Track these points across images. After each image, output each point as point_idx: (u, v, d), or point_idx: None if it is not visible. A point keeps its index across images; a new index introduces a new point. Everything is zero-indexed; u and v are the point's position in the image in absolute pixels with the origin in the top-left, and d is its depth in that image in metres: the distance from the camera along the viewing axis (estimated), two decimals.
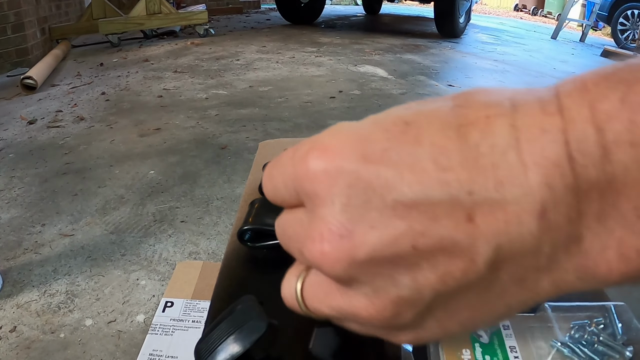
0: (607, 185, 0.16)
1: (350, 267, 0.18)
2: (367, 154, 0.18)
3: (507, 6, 13.48)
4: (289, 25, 5.80)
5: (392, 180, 0.18)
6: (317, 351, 0.29)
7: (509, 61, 4.24)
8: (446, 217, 0.17)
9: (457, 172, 0.17)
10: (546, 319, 0.28)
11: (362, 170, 0.18)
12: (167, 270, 1.26)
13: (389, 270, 0.18)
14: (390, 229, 0.18)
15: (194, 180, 1.77)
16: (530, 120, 0.17)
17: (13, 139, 2.18)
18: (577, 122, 0.16)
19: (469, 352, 0.27)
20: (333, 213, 0.18)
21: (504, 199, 0.17)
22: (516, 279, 0.18)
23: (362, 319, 0.20)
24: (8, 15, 3.41)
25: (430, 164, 0.18)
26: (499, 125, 0.18)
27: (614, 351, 0.26)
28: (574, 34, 7.38)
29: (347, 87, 3.02)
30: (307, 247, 0.19)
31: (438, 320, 0.20)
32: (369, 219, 0.18)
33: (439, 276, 0.18)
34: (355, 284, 0.19)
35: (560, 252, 0.18)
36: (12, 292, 1.17)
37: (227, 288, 0.36)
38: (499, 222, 0.17)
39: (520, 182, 0.17)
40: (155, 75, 3.26)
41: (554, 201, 0.17)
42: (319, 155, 0.19)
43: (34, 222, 1.49)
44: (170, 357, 0.89)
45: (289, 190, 0.21)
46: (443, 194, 0.17)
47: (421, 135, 0.18)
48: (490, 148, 0.17)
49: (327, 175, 0.19)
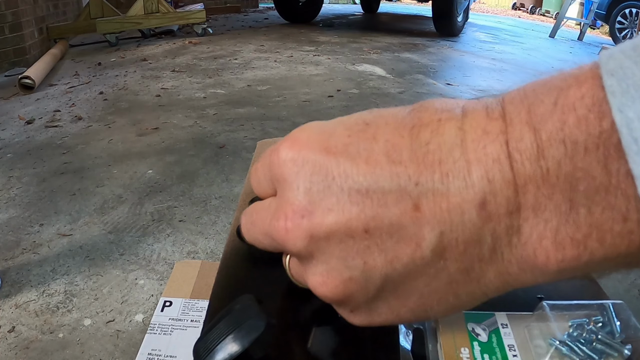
0: (542, 179, 0.18)
1: (310, 243, 0.21)
2: (330, 147, 0.21)
3: (505, 5, 13.48)
4: (287, 24, 5.80)
5: (350, 170, 0.20)
6: (316, 350, 0.29)
7: (507, 60, 4.25)
8: (395, 205, 0.19)
9: (406, 166, 0.20)
10: (544, 317, 0.28)
11: (324, 160, 0.21)
12: (165, 270, 1.25)
13: (342, 252, 0.20)
14: (346, 212, 0.20)
15: (192, 180, 1.77)
16: (475, 123, 0.19)
17: (11, 138, 2.17)
18: (515, 124, 0.18)
19: (468, 350, 0.27)
20: (297, 196, 0.21)
21: (447, 190, 0.19)
22: (462, 268, 0.20)
23: (319, 295, 0.22)
24: (5, 14, 3.40)
25: (384, 157, 0.20)
26: (448, 127, 0.20)
27: (612, 349, 0.26)
28: (572, 33, 7.39)
29: (345, 86, 3.02)
30: (273, 225, 0.22)
31: (389, 306, 0.22)
32: (328, 202, 0.20)
33: (388, 260, 0.20)
34: (313, 261, 0.22)
35: (502, 244, 0.19)
36: (10, 292, 1.17)
37: (226, 287, 0.36)
38: (443, 211, 0.19)
39: (463, 176, 0.19)
40: (153, 75, 3.25)
41: (493, 193, 0.18)
42: (288, 146, 0.22)
43: (32, 222, 1.49)
44: (169, 357, 0.89)
45: (267, 180, 0.24)
46: (393, 184, 0.20)
47: (378, 133, 0.21)
48: (438, 146, 0.19)
49: (293, 163, 0.21)
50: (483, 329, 0.28)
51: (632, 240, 0.17)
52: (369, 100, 2.74)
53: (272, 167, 0.23)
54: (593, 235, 0.17)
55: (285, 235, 0.21)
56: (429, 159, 0.19)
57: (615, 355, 0.26)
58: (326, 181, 0.20)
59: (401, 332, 0.29)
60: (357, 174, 0.20)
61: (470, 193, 0.19)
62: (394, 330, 0.29)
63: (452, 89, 3.09)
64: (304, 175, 0.21)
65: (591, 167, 0.17)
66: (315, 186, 0.21)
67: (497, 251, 0.19)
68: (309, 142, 0.22)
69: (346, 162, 0.20)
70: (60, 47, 3.86)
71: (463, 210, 0.19)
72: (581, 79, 0.18)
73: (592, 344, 0.26)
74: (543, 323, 0.28)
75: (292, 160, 0.21)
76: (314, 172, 0.21)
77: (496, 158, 0.18)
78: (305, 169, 0.21)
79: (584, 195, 0.17)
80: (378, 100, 2.74)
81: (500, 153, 0.18)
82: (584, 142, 0.17)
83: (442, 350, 0.27)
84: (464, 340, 0.27)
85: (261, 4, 8.12)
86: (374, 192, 0.20)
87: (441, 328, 0.28)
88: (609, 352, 0.26)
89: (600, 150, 0.16)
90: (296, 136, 0.22)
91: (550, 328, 0.28)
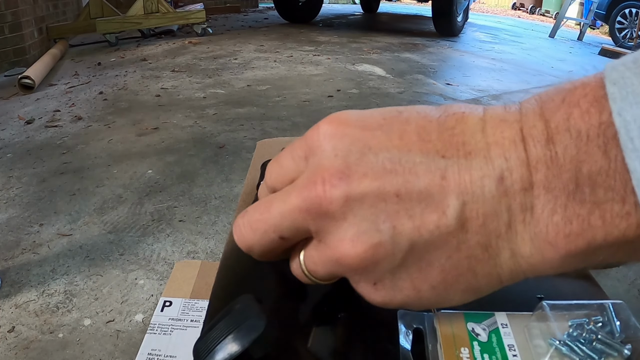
0: (551, 160, 0.20)
1: (344, 204, 0.22)
2: (366, 125, 0.24)
3: (505, 5, 13.48)
4: (286, 24, 5.80)
5: (384, 143, 0.23)
6: (316, 350, 0.29)
7: (506, 60, 4.25)
8: (424, 174, 0.22)
9: (434, 143, 0.23)
10: (544, 317, 0.28)
11: (361, 134, 0.23)
12: (165, 270, 1.25)
13: (373, 216, 0.22)
14: (379, 177, 0.22)
15: (192, 180, 1.77)
16: (495, 115, 0.23)
17: (11, 138, 2.17)
18: (529, 115, 0.22)
19: (468, 350, 0.27)
20: (334, 162, 0.23)
21: (470, 165, 0.22)
22: (481, 243, 0.22)
23: (346, 263, 0.23)
24: (5, 14, 3.40)
25: (415, 135, 0.23)
26: (471, 117, 0.23)
27: (612, 349, 0.26)
28: (572, 33, 7.39)
29: (345, 86, 3.02)
30: (309, 189, 0.23)
31: (412, 279, 0.23)
32: (363, 168, 0.22)
33: (416, 226, 0.22)
34: (345, 225, 0.23)
35: (517, 220, 0.21)
36: (10, 292, 1.17)
37: (226, 287, 0.36)
38: (466, 183, 0.21)
39: (484, 155, 0.22)
40: (153, 75, 3.25)
41: (509, 170, 0.21)
42: (328, 122, 0.24)
43: (32, 222, 1.48)
44: (169, 357, 0.89)
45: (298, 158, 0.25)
46: (423, 157, 0.22)
47: (410, 118, 0.24)
48: (462, 130, 0.23)
49: (332, 135, 0.24)
50: (483, 329, 0.28)
51: (630, 223, 0.19)
52: (369, 100, 2.74)
53: (311, 140, 0.24)
54: (596, 213, 0.20)
55: (322, 196, 0.22)
56: (454, 140, 0.22)
57: (615, 355, 0.26)
58: (362, 151, 0.23)
59: (401, 332, 0.29)
60: (391, 147, 0.23)
61: (490, 168, 0.21)
62: (394, 330, 0.29)
63: (451, 89, 3.09)
64: (342, 145, 0.23)
65: (593, 152, 0.19)
66: (352, 155, 0.23)
67: (512, 227, 0.21)
68: (347, 120, 0.24)
69: (382, 135, 0.23)
70: (60, 47, 3.86)
71: (484, 183, 0.21)
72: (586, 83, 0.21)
73: (592, 344, 0.26)
74: (543, 323, 0.28)
75: (331, 134, 0.24)
76: (352, 143, 0.23)
77: (512, 141, 0.21)
78: (344, 140, 0.23)
79: (587, 176, 0.19)
80: (378, 100, 2.74)
81: (515, 137, 0.21)
82: (587, 131, 0.19)
83: (442, 350, 0.27)
84: (464, 340, 0.27)
85: (261, 4, 8.11)
86: (405, 162, 0.22)
87: (441, 328, 0.28)
88: (609, 352, 0.26)
89: (601, 139, 0.19)
90: (335, 116, 0.25)
91: (550, 328, 0.28)
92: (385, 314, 0.31)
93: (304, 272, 0.26)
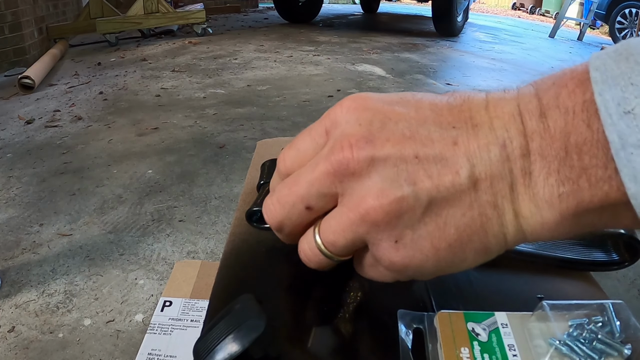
0: (544, 131, 0.23)
1: (370, 164, 0.25)
2: (386, 101, 0.27)
3: (505, 5, 13.48)
4: (286, 24, 5.80)
5: (403, 115, 0.26)
6: (316, 350, 0.29)
7: (506, 60, 4.25)
8: (439, 140, 0.25)
9: (445, 117, 0.26)
10: (544, 317, 0.28)
11: (382, 108, 0.26)
12: (165, 270, 1.25)
13: (396, 174, 0.25)
14: (400, 142, 0.25)
15: (192, 180, 1.77)
16: (496, 95, 0.26)
17: (11, 138, 2.17)
18: (525, 95, 0.25)
19: (468, 350, 0.27)
20: (359, 129, 0.26)
21: (477, 135, 0.25)
22: (490, 202, 0.25)
23: (370, 218, 0.25)
24: (5, 14, 3.40)
25: (429, 111, 0.26)
26: (475, 98, 0.26)
27: (612, 349, 0.26)
28: (572, 33, 7.39)
29: (345, 85, 3.02)
30: (336, 153, 0.25)
31: (431, 237, 0.25)
32: (385, 135, 0.25)
33: (434, 184, 0.24)
34: (370, 182, 0.25)
35: (518, 183, 0.24)
36: (10, 292, 1.17)
37: (226, 287, 0.36)
38: (475, 149, 0.25)
39: (488, 126, 0.25)
40: (153, 75, 3.25)
41: (510, 138, 0.24)
42: (351, 99, 0.27)
43: (32, 222, 1.49)
44: (169, 357, 0.89)
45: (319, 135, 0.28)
46: (436, 127, 0.25)
47: (423, 98, 0.27)
48: (468, 107, 0.26)
49: (355, 109, 0.26)
50: (483, 328, 0.28)
51: (611, 185, 0.22)
52: None
53: (334, 115, 0.27)
54: (583, 177, 0.22)
55: (350, 157, 0.25)
56: (462, 115, 0.26)
57: (615, 355, 0.26)
58: (384, 120, 0.26)
59: (401, 332, 0.29)
60: (408, 118, 0.26)
61: (494, 137, 0.24)
62: (394, 330, 0.29)
63: (451, 89, 3.08)
64: (364, 116, 0.26)
65: (578, 125, 0.22)
66: (375, 124, 0.26)
67: (515, 189, 0.24)
68: (367, 97, 0.27)
69: (400, 109, 0.26)
70: (60, 47, 3.86)
71: (489, 149, 0.24)
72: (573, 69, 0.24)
73: (592, 344, 0.26)
74: (543, 323, 0.28)
75: (354, 107, 0.27)
76: (374, 115, 0.26)
77: (511, 115, 0.25)
78: (366, 113, 0.26)
79: (574, 145, 0.22)
80: None
81: (513, 112, 0.25)
82: (573, 107, 0.23)
83: (442, 350, 0.27)
84: (464, 340, 0.27)
85: (261, 4, 8.11)
86: (422, 131, 0.25)
87: (441, 328, 0.28)
88: (609, 352, 0.26)
89: (584, 114, 0.22)
90: (355, 95, 0.28)
91: (550, 328, 0.28)
92: (386, 313, 0.31)
93: (319, 247, 0.27)
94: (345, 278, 0.34)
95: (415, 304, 0.32)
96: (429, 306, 0.32)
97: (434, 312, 0.30)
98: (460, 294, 0.33)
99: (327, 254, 0.27)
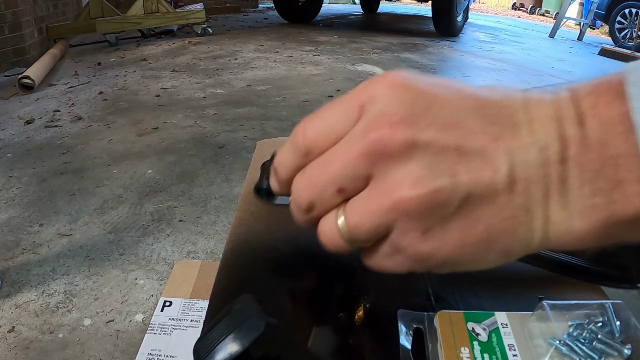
0: (581, 140, 0.23)
1: (411, 148, 0.23)
2: (429, 83, 0.25)
3: (504, 5, 13.48)
4: (286, 24, 5.79)
5: (448, 101, 0.24)
6: (316, 350, 0.29)
7: (506, 60, 4.25)
8: (481, 135, 0.24)
9: (487, 111, 0.24)
10: (544, 317, 0.28)
11: (425, 90, 0.25)
12: (165, 270, 1.25)
13: (435, 164, 0.23)
14: (443, 130, 0.24)
15: (192, 180, 1.77)
16: (535, 97, 0.25)
17: (11, 138, 2.17)
18: (562, 100, 0.24)
19: (468, 350, 0.27)
20: (401, 109, 0.24)
21: (517, 134, 0.24)
22: (523, 205, 0.24)
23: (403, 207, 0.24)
24: (5, 14, 3.40)
25: (472, 101, 0.25)
26: (515, 97, 0.25)
27: (612, 349, 0.26)
28: (572, 33, 7.39)
29: (345, 86, 3.02)
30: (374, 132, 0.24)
31: (460, 231, 0.24)
32: (428, 119, 0.24)
33: (472, 179, 0.23)
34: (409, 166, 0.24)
35: (553, 190, 0.24)
36: (10, 292, 1.17)
37: (226, 287, 0.36)
38: (515, 148, 0.24)
39: (528, 127, 0.24)
40: (153, 75, 3.25)
41: (547, 143, 0.23)
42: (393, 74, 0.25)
43: (32, 222, 1.48)
44: (169, 357, 0.89)
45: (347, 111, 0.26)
46: (479, 120, 0.24)
47: (465, 87, 0.26)
48: (508, 106, 0.25)
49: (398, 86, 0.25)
50: (483, 328, 0.28)
51: None
52: None
53: (374, 88, 0.25)
54: (617, 189, 0.22)
55: (389, 138, 0.23)
56: (502, 112, 0.25)
57: (615, 355, 0.26)
58: (426, 104, 0.24)
59: (401, 332, 0.29)
60: (453, 105, 0.24)
61: (534, 139, 0.24)
62: (394, 330, 0.29)
63: None
64: (408, 95, 0.24)
65: (615, 137, 0.22)
66: (419, 105, 0.24)
67: (548, 195, 0.24)
68: (411, 76, 0.25)
69: (444, 94, 0.25)
70: (60, 47, 3.86)
71: (529, 150, 0.23)
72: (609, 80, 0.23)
73: (592, 344, 0.26)
74: (543, 323, 0.28)
75: (397, 84, 0.25)
76: (418, 95, 0.24)
77: (550, 119, 0.24)
78: (410, 92, 0.24)
79: (610, 157, 0.22)
80: None
81: (552, 116, 0.24)
82: (610, 118, 0.22)
83: (442, 350, 0.27)
84: (464, 340, 0.27)
85: (261, 4, 8.11)
86: (465, 121, 0.24)
87: (441, 328, 0.28)
88: (609, 352, 0.26)
89: (622, 126, 0.22)
90: (398, 71, 0.26)
91: (550, 328, 0.28)
92: (386, 313, 0.31)
93: (340, 230, 0.26)
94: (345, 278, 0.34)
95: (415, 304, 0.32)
96: (429, 306, 0.32)
97: (434, 312, 0.30)
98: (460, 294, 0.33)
99: (348, 236, 0.26)
